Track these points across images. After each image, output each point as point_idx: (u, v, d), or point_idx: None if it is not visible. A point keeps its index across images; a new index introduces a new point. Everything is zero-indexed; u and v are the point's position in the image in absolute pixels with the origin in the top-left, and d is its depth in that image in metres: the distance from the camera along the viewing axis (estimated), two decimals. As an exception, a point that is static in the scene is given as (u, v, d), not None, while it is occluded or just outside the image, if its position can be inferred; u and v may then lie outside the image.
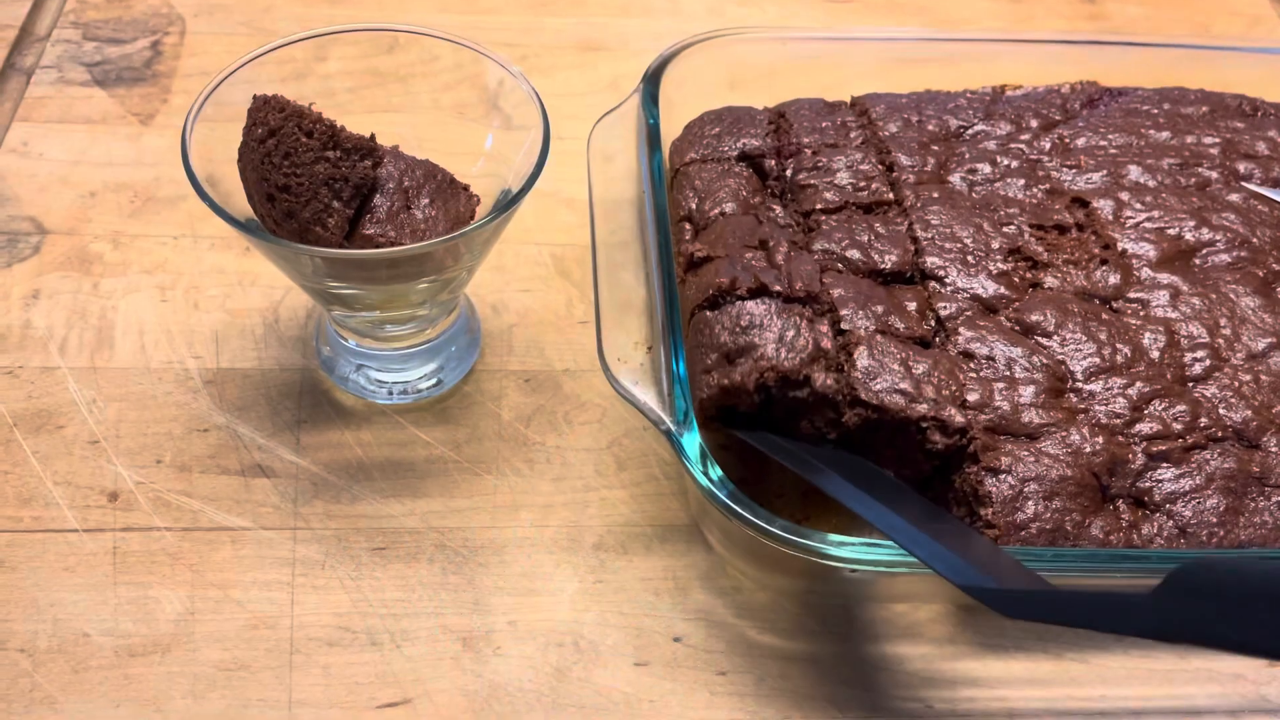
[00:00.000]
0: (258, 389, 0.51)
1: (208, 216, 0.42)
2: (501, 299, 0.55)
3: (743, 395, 0.44)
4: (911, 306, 0.47)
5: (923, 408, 0.43)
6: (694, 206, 0.52)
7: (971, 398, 0.44)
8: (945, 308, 0.47)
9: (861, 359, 0.44)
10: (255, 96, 0.43)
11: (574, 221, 0.59)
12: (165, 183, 0.59)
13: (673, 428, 0.42)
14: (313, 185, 0.42)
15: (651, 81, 0.54)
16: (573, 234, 0.58)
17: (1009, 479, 0.42)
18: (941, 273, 0.48)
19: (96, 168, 0.59)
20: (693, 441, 0.41)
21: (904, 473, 0.45)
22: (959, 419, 0.43)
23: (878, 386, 0.44)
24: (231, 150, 0.44)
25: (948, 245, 0.49)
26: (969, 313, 0.47)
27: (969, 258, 0.49)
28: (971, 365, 0.45)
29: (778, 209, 0.51)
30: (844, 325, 0.46)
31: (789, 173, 0.53)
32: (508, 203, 0.43)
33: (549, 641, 0.44)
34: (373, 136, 0.44)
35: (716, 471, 0.41)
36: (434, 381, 0.50)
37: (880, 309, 0.46)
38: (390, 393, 0.50)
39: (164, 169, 0.59)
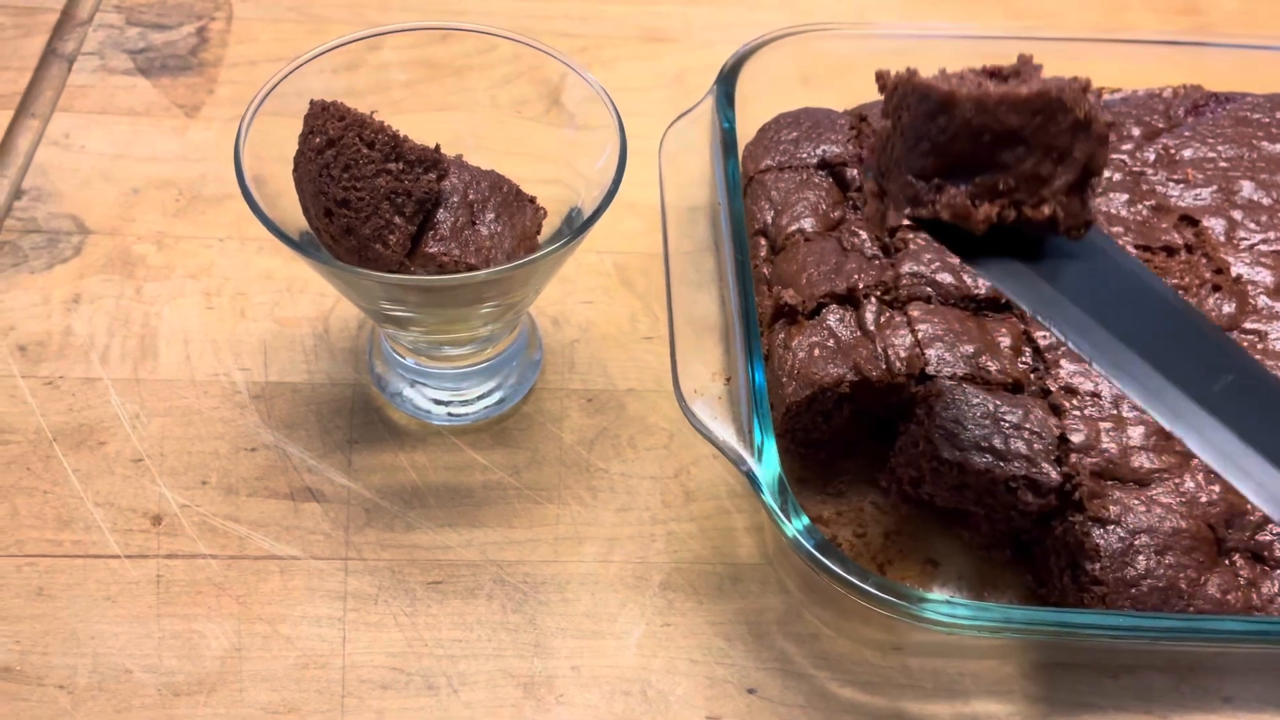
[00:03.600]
0: (308, 405, 0.48)
1: (255, 218, 0.39)
2: (563, 311, 0.52)
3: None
4: (1005, 342, 0.44)
5: (1013, 467, 0.40)
6: (769, 220, 0.49)
7: (1076, 439, 0.41)
8: (1045, 338, 0.44)
9: (944, 412, 0.41)
10: (312, 102, 0.40)
11: (638, 228, 0.55)
12: (211, 180, 0.56)
13: (754, 468, 0.39)
14: (374, 200, 0.39)
15: (727, 81, 0.51)
16: (636, 241, 0.55)
17: (1118, 530, 0.39)
18: (1040, 298, 0.45)
19: (140, 162, 0.57)
20: (772, 475, 0.38)
21: (998, 528, 0.42)
22: (1054, 476, 0.40)
23: (962, 442, 0.40)
24: (281, 148, 0.41)
25: (1047, 268, 0.46)
26: (1071, 343, 0.44)
27: (1070, 282, 0.45)
28: (1075, 402, 0.42)
29: (862, 234, 0.47)
30: (929, 370, 0.42)
31: (873, 184, 0.49)
32: (582, 225, 0.40)
33: (614, 689, 0.41)
34: (437, 147, 0.41)
35: (802, 520, 0.38)
36: (493, 401, 0.48)
37: (970, 349, 0.43)
38: (447, 413, 0.47)
39: (210, 165, 0.57)
